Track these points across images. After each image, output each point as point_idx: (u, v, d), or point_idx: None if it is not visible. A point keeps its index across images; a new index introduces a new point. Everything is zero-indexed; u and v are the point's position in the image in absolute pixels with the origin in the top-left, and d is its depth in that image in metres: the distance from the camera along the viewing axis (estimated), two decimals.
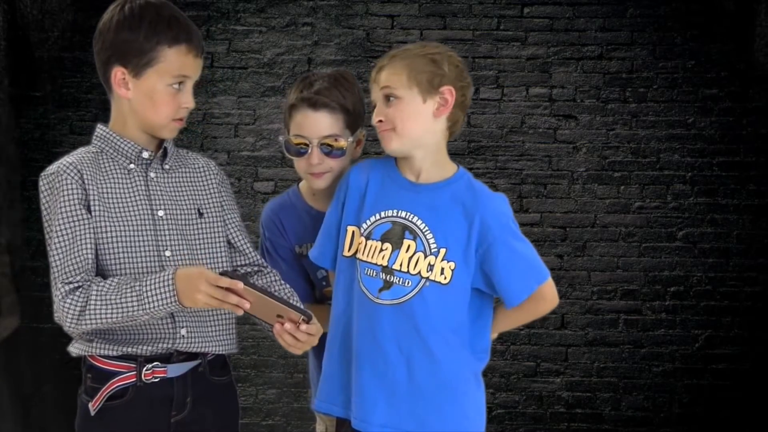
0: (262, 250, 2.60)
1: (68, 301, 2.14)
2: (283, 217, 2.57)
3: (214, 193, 2.40)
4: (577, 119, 5.08)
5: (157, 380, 2.24)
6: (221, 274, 2.08)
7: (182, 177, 2.37)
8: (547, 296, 2.29)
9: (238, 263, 2.40)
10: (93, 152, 2.30)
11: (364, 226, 2.29)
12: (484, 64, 5.09)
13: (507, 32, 5.10)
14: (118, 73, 2.26)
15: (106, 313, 2.13)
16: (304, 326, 2.12)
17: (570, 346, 5.09)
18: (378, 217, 2.29)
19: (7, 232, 4.85)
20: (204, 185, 2.39)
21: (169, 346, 2.24)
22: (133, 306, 2.13)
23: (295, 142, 2.49)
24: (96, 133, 2.34)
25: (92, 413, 2.24)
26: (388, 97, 2.27)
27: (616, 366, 5.07)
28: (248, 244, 2.43)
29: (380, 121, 2.27)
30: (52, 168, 2.24)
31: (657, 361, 5.05)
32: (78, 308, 2.14)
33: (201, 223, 2.34)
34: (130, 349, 2.22)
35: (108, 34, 2.25)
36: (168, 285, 2.11)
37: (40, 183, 2.25)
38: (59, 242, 2.18)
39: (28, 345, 4.93)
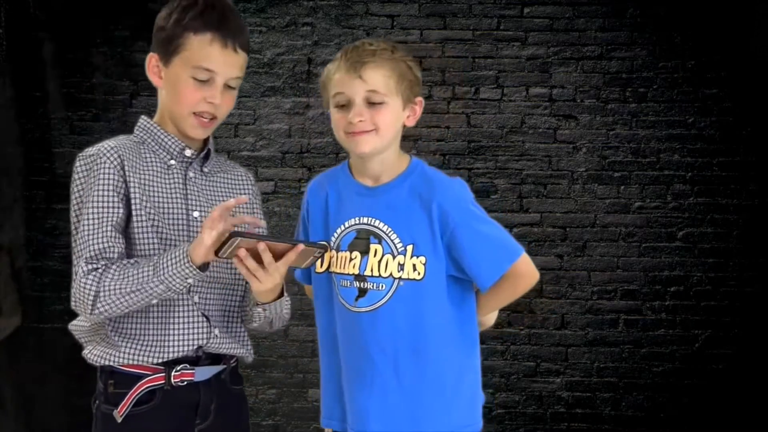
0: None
1: (89, 278, 2.08)
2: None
3: (248, 205, 2.37)
4: (577, 119, 5.08)
5: (184, 384, 2.19)
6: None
7: (219, 182, 2.35)
8: (523, 273, 2.23)
9: None
10: (135, 141, 2.25)
11: (332, 239, 2.28)
12: (484, 64, 5.10)
13: (507, 32, 5.10)
14: (152, 60, 2.24)
15: (122, 285, 2.08)
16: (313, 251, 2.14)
17: (570, 346, 5.08)
18: (343, 228, 2.27)
19: (7, 232, 4.85)
20: (239, 195, 2.36)
21: (203, 343, 2.21)
22: (148, 275, 2.07)
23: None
24: (139, 124, 2.30)
25: (119, 420, 2.14)
26: (370, 100, 2.20)
27: (616, 366, 5.07)
28: None
29: (361, 121, 2.20)
30: (92, 150, 2.18)
31: (657, 361, 5.05)
32: (95, 287, 2.08)
33: None
34: (160, 355, 2.16)
35: (156, 24, 2.23)
36: (182, 255, 2.07)
37: (77, 164, 2.18)
38: (89, 224, 2.11)
39: (28, 345, 4.92)
